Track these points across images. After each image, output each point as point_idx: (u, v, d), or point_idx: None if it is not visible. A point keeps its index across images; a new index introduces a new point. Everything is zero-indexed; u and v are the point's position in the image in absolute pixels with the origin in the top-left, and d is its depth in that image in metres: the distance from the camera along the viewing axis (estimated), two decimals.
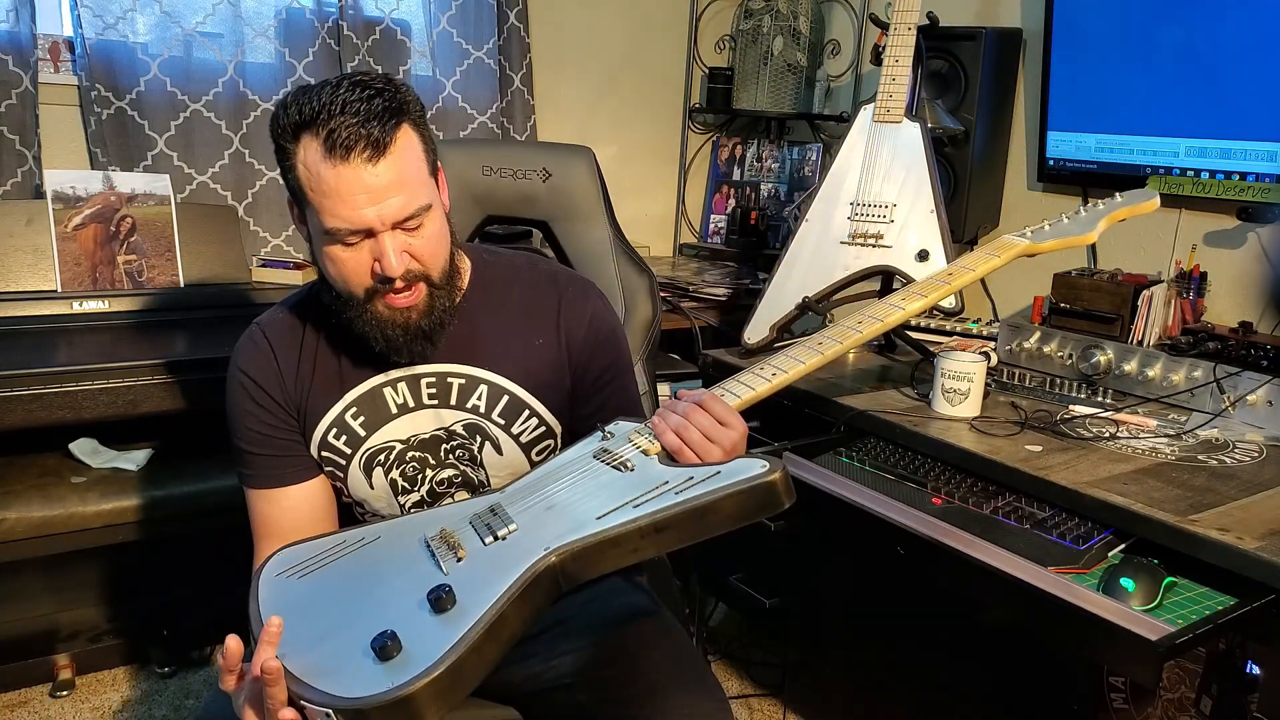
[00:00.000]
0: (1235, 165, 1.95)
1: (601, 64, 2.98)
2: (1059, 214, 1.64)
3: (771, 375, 1.30)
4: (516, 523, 1.08)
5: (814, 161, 2.95)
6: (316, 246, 1.17)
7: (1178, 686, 1.53)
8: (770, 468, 1.02)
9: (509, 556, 1.03)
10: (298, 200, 1.16)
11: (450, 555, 1.06)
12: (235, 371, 1.28)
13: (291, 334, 1.29)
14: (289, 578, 1.10)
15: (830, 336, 1.40)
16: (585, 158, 1.76)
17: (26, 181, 2.21)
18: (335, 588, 1.09)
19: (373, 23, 2.55)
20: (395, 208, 1.11)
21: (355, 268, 1.14)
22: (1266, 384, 1.67)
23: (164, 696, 2.16)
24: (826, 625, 2.19)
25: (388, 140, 1.09)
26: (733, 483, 1.02)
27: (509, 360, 1.29)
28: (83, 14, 2.22)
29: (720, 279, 2.72)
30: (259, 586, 1.10)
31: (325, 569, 1.11)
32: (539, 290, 1.33)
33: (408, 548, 1.11)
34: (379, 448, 1.27)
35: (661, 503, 1.02)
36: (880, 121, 2.02)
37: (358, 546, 1.14)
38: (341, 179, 1.08)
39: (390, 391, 1.27)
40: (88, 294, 2.10)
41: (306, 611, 1.05)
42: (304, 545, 1.15)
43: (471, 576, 1.03)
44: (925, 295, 1.49)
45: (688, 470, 1.07)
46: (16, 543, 1.86)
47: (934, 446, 1.63)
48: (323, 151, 1.08)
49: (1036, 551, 1.34)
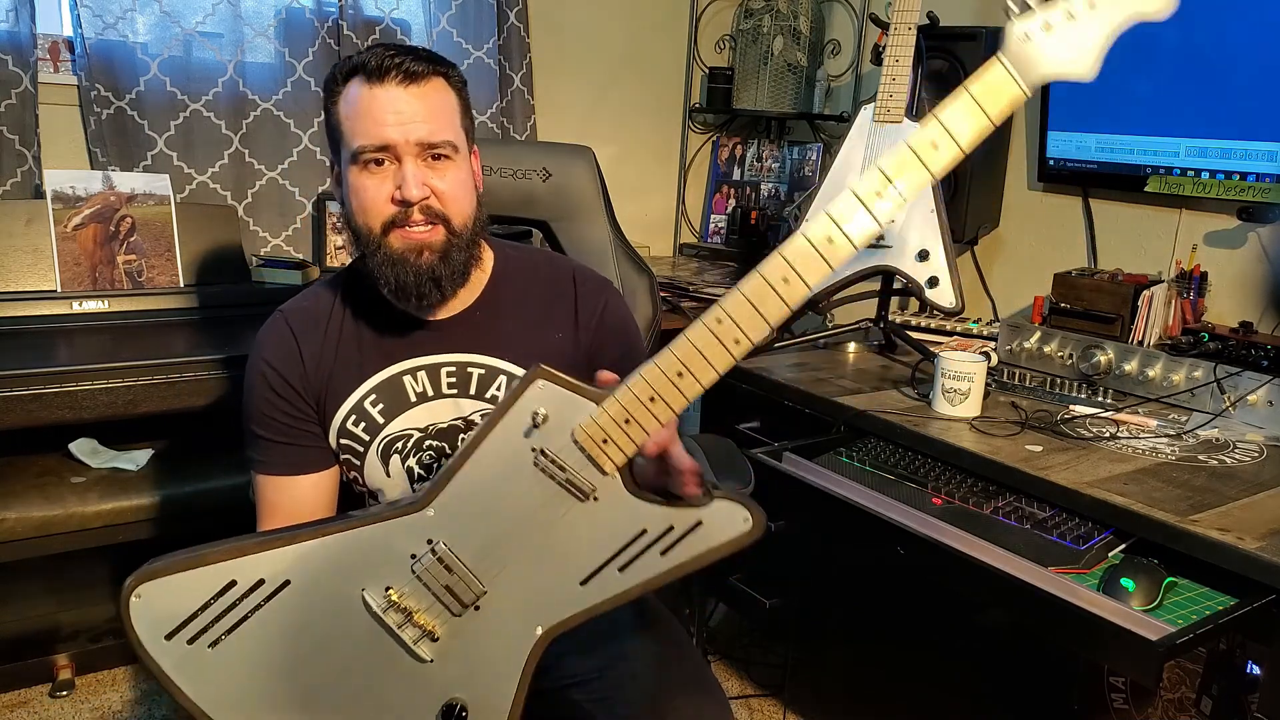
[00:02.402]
0: (1235, 165, 1.95)
1: (601, 64, 2.98)
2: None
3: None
4: (485, 583, 1.02)
5: (814, 161, 2.95)
6: (345, 183, 1.20)
7: (1178, 686, 1.53)
8: (753, 522, 0.99)
9: (497, 640, 1.01)
10: (334, 143, 1.22)
11: (419, 636, 1.02)
12: (258, 359, 1.28)
13: (316, 322, 1.30)
14: (192, 644, 1.01)
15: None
16: (585, 157, 1.76)
17: (26, 181, 2.21)
18: (287, 674, 1.01)
19: (373, 22, 2.55)
20: (420, 132, 1.16)
21: (376, 195, 1.17)
22: (1266, 384, 1.67)
23: (164, 697, 2.15)
24: (826, 625, 2.19)
25: (422, 75, 1.17)
26: (720, 544, 0.99)
27: (528, 352, 1.29)
28: (82, 14, 2.22)
29: (720, 279, 2.72)
30: (144, 640, 1.01)
31: (242, 634, 1.01)
32: (558, 285, 1.35)
33: (352, 619, 1.02)
34: (397, 435, 1.28)
35: (649, 569, 1.00)
36: (880, 121, 2.02)
37: (266, 597, 1.02)
38: (374, 98, 1.15)
39: (410, 380, 1.28)
40: (87, 294, 2.10)
41: (269, 700, 1.00)
42: (173, 580, 1.01)
43: (465, 672, 1.01)
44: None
45: (665, 514, 0.99)
46: (16, 543, 1.86)
47: (934, 446, 1.63)
48: (362, 79, 1.16)
49: (1036, 551, 1.34)
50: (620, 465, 0.99)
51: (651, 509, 1.00)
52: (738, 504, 1.00)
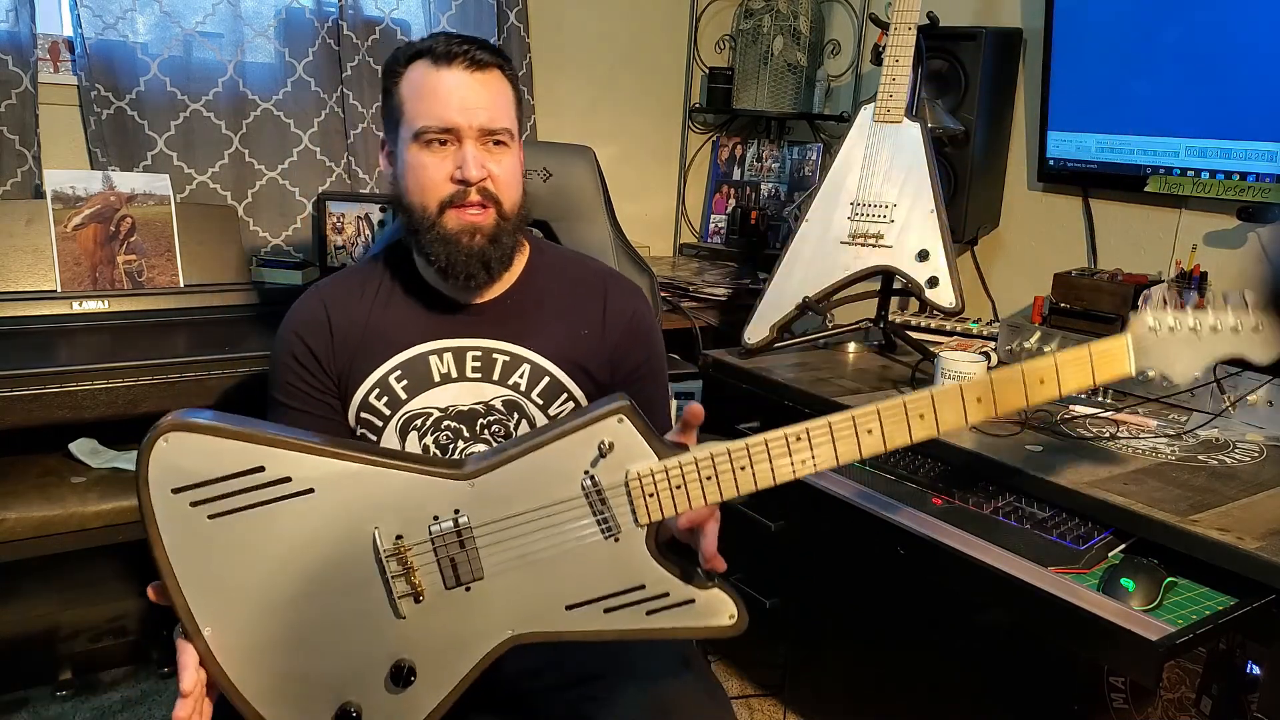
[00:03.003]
0: (1235, 165, 1.95)
1: (601, 64, 2.98)
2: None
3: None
4: (486, 569, 1.04)
5: (814, 161, 2.95)
6: (401, 163, 1.26)
7: (1178, 686, 1.53)
8: (737, 620, 1.05)
9: (471, 625, 1.04)
10: (391, 123, 1.27)
11: (408, 592, 1.03)
12: (288, 330, 1.33)
13: (348, 298, 1.34)
14: (195, 507, 1.00)
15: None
16: (586, 157, 1.76)
17: (26, 181, 2.21)
18: (269, 575, 1.01)
19: (373, 22, 2.55)
20: (482, 117, 1.23)
21: (435, 173, 1.23)
22: (1266, 384, 1.67)
23: (164, 697, 2.16)
24: (826, 625, 2.19)
25: (486, 64, 1.24)
26: (700, 627, 1.05)
27: (554, 344, 1.33)
28: (82, 14, 2.22)
29: (720, 279, 2.72)
30: (150, 482, 0.99)
31: (245, 519, 1.00)
32: (589, 285, 1.39)
33: (354, 549, 1.03)
34: (417, 412, 1.30)
35: (630, 621, 1.05)
36: (880, 121, 2.02)
37: (285, 495, 1.01)
38: (441, 80, 1.22)
39: (436, 360, 1.31)
40: (88, 294, 2.10)
41: (241, 594, 1.01)
42: (207, 440, 1.00)
43: (429, 640, 1.04)
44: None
45: (666, 581, 1.04)
46: (16, 543, 1.85)
47: (934, 446, 1.63)
48: (429, 62, 1.23)
49: (1036, 551, 1.34)
50: (653, 520, 1.03)
51: (658, 571, 1.05)
52: (730, 600, 1.06)
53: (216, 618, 1.01)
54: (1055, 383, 1.08)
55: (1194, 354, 1.13)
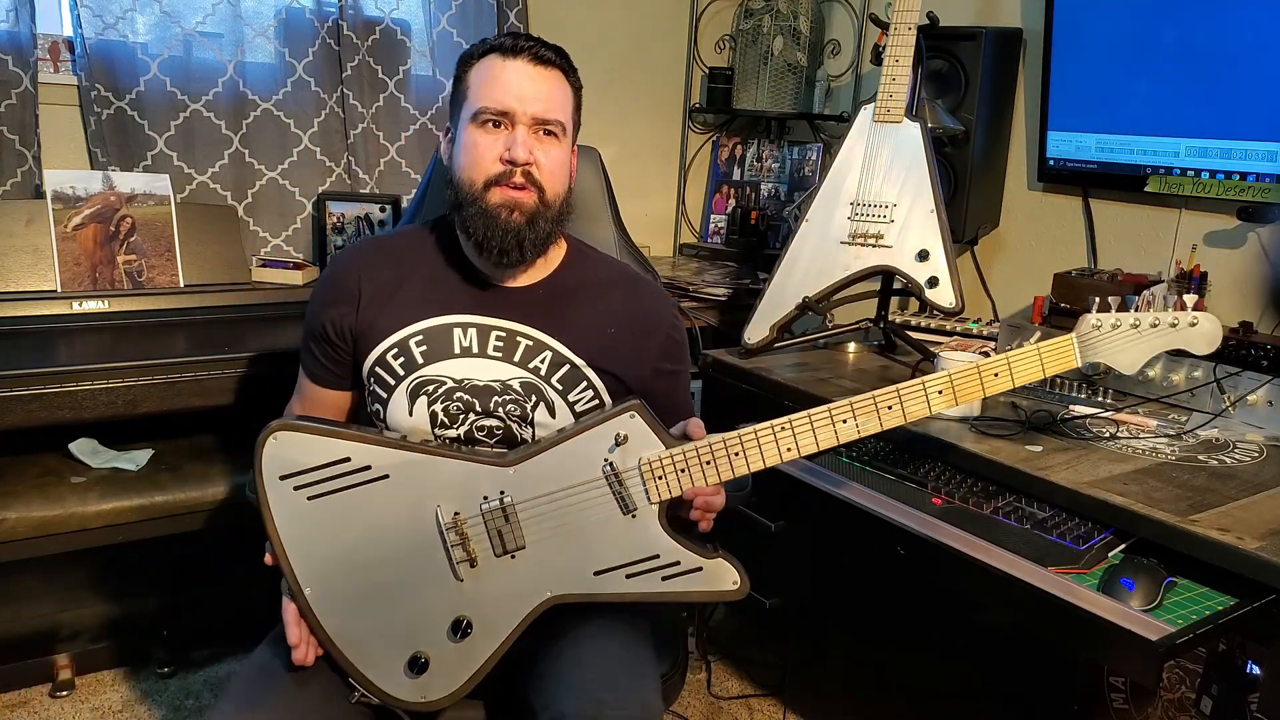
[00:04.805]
0: (1235, 165, 1.95)
1: (601, 64, 2.98)
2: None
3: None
4: (527, 540, 1.24)
5: (814, 161, 2.95)
6: (458, 142, 1.35)
7: (1178, 686, 1.53)
8: (740, 584, 1.26)
9: (517, 587, 1.24)
10: (455, 108, 1.36)
11: (465, 559, 1.23)
12: (328, 275, 1.43)
13: (390, 256, 1.41)
14: (297, 490, 1.22)
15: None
16: (590, 158, 1.76)
17: (26, 181, 2.21)
18: (355, 545, 1.23)
19: (373, 22, 2.55)
20: (537, 106, 1.31)
21: (485, 151, 1.31)
22: (1266, 384, 1.67)
23: (164, 697, 2.16)
24: (826, 625, 2.19)
25: (549, 61, 1.33)
26: (707, 590, 1.26)
27: (579, 337, 1.37)
28: (82, 14, 2.22)
29: (720, 279, 2.72)
30: (264, 471, 1.22)
31: (336, 500, 1.23)
32: (623, 287, 1.45)
33: (421, 524, 1.23)
34: (431, 378, 1.34)
35: (648, 585, 1.25)
36: (880, 121, 2.02)
37: (367, 480, 1.23)
38: (505, 68, 1.32)
39: (460, 333, 1.35)
40: (87, 294, 2.10)
41: (334, 560, 1.23)
42: (305, 438, 1.23)
43: (483, 599, 1.24)
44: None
45: (678, 552, 1.24)
46: (16, 543, 1.85)
47: (934, 446, 1.63)
48: (498, 54, 1.33)
49: (1036, 551, 1.34)
50: (664, 499, 1.23)
51: (670, 543, 1.24)
52: (733, 568, 1.26)
53: (315, 579, 1.23)
54: (1009, 376, 1.26)
55: (1137, 348, 1.30)
